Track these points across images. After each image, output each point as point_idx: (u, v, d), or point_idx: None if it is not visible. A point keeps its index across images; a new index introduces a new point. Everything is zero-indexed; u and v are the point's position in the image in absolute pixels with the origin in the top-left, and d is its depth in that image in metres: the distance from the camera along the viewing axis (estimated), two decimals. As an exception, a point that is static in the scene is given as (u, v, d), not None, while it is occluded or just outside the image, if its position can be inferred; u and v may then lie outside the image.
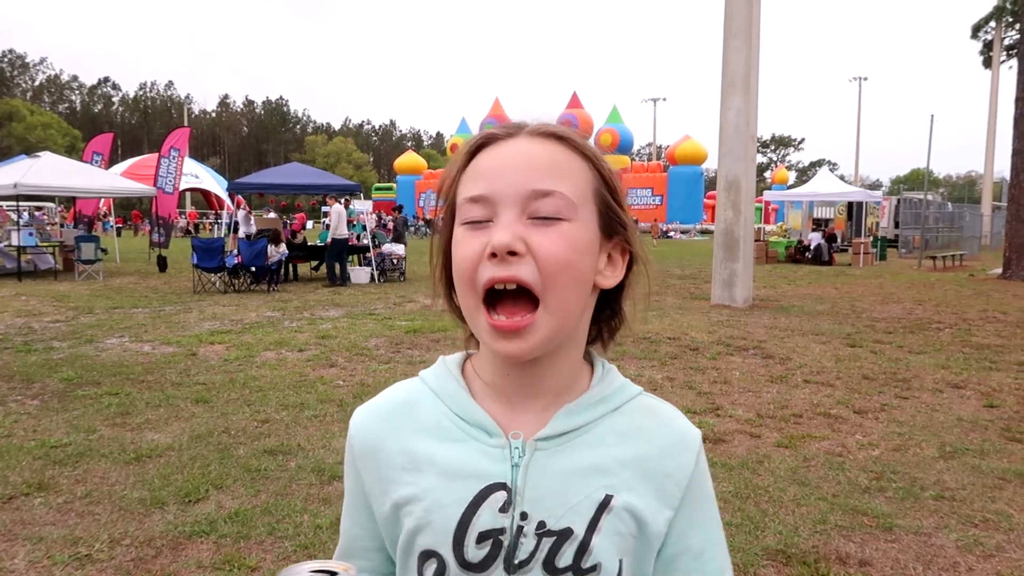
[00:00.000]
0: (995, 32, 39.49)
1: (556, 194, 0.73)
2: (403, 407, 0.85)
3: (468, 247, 0.74)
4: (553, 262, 0.72)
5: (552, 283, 0.72)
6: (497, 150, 0.77)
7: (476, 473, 0.78)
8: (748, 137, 11.88)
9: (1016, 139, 17.86)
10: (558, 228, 0.73)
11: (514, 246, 0.71)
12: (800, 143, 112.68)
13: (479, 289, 0.73)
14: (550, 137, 0.77)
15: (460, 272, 0.75)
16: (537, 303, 0.73)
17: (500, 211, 0.73)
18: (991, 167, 44.15)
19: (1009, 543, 3.42)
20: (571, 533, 0.76)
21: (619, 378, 0.86)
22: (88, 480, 4.10)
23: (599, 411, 0.81)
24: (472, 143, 0.79)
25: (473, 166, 0.78)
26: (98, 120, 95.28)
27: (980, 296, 13.76)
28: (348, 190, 18.27)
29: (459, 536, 0.77)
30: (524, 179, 0.73)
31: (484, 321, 0.74)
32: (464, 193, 0.76)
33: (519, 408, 0.81)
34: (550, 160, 0.75)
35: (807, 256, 22.87)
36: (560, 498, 0.77)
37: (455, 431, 0.81)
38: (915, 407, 5.77)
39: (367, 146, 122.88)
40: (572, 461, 0.78)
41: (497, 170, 0.75)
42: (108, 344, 8.21)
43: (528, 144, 0.76)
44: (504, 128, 0.78)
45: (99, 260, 16.24)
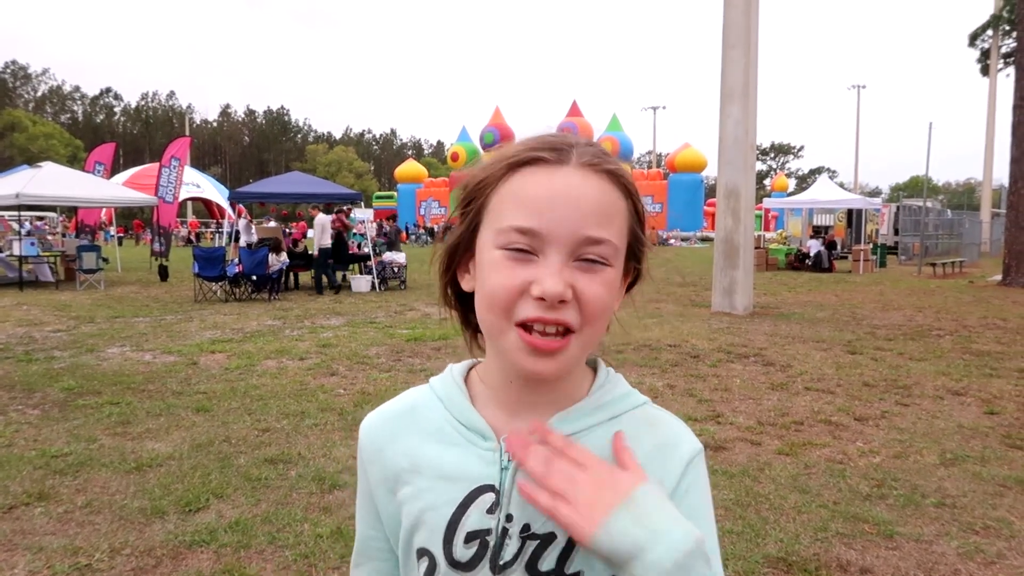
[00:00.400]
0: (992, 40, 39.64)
1: (607, 243, 0.74)
2: (409, 412, 0.88)
3: (509, 277, 0.74)
4: (596, 309, 0.75)
5: (590, 323, 0.75)
6: (548, 178, 0.75)
7: (468, 475, 0.80)
8: (747, 146, 11.91)
9: (1014, 146, 17.89)
10: (603, 275, 0.75)
11: (565, 296, 0.72)
12: (799, 151, 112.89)
13: (513, 320, 0.74)
14: (602, 173, 0.76)
15: (495, 299, 0.75)
16: (568, 332, 0.75)
17: (549, 251, 0.73)
18: (990, 174, 44.20)
19: (1010, 550, 3.41)
20: (554, 538, 0.77)
21: (623, 387, 0.86)
22: (88, 489, 4.11)
23: (595, 419, 0.82)
24: (518, 156, 0.77)
25: (519, 188, 0.76)
26: (100, 130, 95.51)
27: (980, 303, 13.76)
28: (349, 199, 18.31)
29: (448, 535, 0.80)
30: (577, 223, 0.73)
31: (516, 338, 0.74)
32: (511, 219, 0.74)
33: (519, 416, 0.82)
34: (601, 203, 0.75)
35: (807, 263, 22.89)
36: None
37: (455, 436, 0.83)
38: (916, 414, 5.77)
39: (368, 155, 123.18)
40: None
41: (548, 204, 0.73)
42: (109, 353, 8.21)
43: (580, 180, 0.75)
44: (554, 150, 0.76)
45: (100, 269, 16.27)
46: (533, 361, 0.74)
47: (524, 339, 0.74)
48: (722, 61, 12.02)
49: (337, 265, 16.89)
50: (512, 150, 0.78)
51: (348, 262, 17.17)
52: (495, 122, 49.10)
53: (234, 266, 14.15)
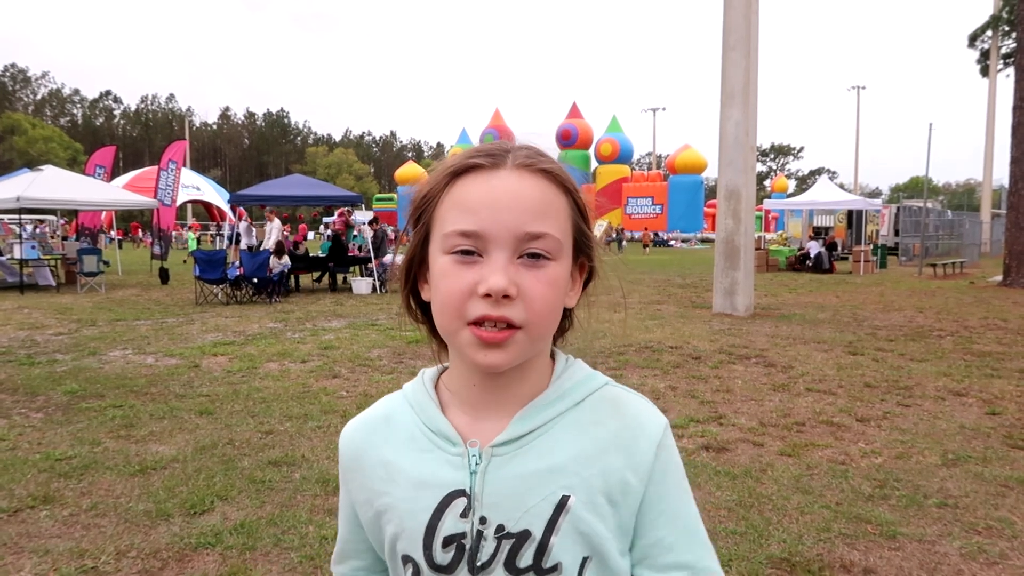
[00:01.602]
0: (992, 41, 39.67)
1: (547, 236, 0.76)
2: (383, 421, 0.91)
3: (457, 280, 0.76)
4: (540, 305, 0.77)
5: (536, 319, 0.77)
6: (486, 182, 0.77)
7: (440, 482, 0.82)
8: (747, 148, 11.93)
9: (1014, 147, 17.90)
10: (547, 270, 0.77)
11: (509, 291, 0.74)
12: (799, 152, 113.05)
13: (465, 320, 0.76)
14: (536, 172, 0.78)
15: (446, 303, 0.77)
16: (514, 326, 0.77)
17: (492, 250, 0.75)
18: (990, 175, 44.21)
19: (1013, 550, 3.42)
20: (529, 535, 0.79)
21: (582, 371, 0.87)
22: (93, 492, 4.12)
23: (557, 409, 0.83)
24: (455, 166, 0.80)
25: (460, 195, 0.78)
26: (100, 133, 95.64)
27: (981, 303, 13.77)
28: (349, 201, 18.33)
29: (427, 541, 0.82)
30: (516, 220, 0.75)
31: (468, 334, 0.77)
32: (453, 224, 0.77)
33: (483, 417, 0.84)
34: (540, 200, 0.77)
35: (807, 264, 22.90)
36: (517, 502, 0.80)
37: (424, 442, 0.85)
38: (917, 415, 5.78)
39: (368, 157, 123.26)
40: (529, 464, 0.81)
41: (488, 206, 0.76)
42: (111, 356, 8.23)
43: (517, 181, 0.77)
44: (490, 155, 0.79)
45: (101, 272, 16.28)
46: (484, 354, 0.76)
47: (474, 333, 0.76)
48: (722, 62, 12.04)
49: (337, 267, 16.92)
50: (451, 160, 0.81)
51: (348, 264, 17.20)
52: (495, 124, 49.15)
53: (235, 269, 14.16)
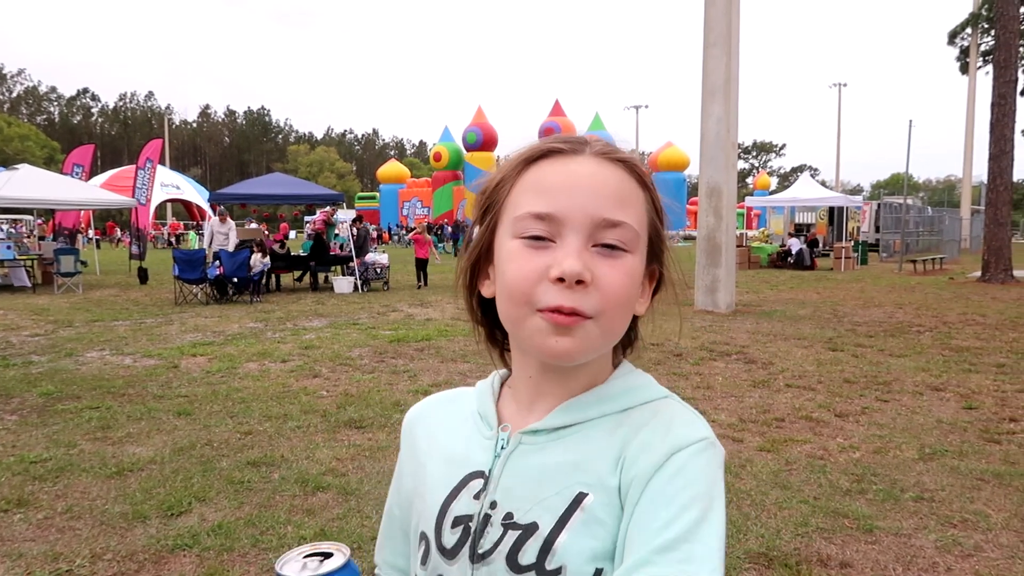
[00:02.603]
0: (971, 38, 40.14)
1: (625, 225, 0.73)
2: (448, 401, 0.92)
3: (527, 264, 0.72)
4: (615, 297, 0.73)
5: (609, 310, 0.73)
6: (564, 166, 0.74)
7: (467, 461, 0.81)
8: (729, 145, 11.99)
9: (993, 144, 18.14)
10: (623, 261, 0.73)
11: (584, 276, 0.70)
12: (781, 149, 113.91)
13: (534, 307, 0.72)
14: (617, 162, 0.75)
15: (514, 288, 0.73)
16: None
17: (566, 233, 0.72)
18: (969, 171, 44.78)
19: (987, 543, 3.46)
20: (536, 528, 0.74)
21: (641, 379, 0.82)
22: (69, 495, 4.06)
23: (600, 409, 0.78)
24: (533, 151, 0.77)
25: (536, 178, 0.75)
26: (77, 131, 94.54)
27: (960, 299, 13.93)
28: (331, 200, 18.25)
29: (440, 519, 0.80)
30: (595, 204, 0.72)
31: (539, 320, 0.72)
32: (526, 206, 0.73)
33: (532, 409, 0.81)
34: (619, 187, 0.74)
35: (789, 261, 23.07)
36: (532, 491, 0.76)
37: (471, 425, 0.85)
38: (896, 410, 5.83)
39: (350, 155, 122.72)
40: (556, 456, 0.77)
41: (565, 189, 0.73)
42: (88, 357, 8.13)
43: (596, 166, 0.74)
44: (568, 142, 0.76)
45: (79, 273, 16.09)
46: (555, 340, 0.72)
47: (547, 317, 0.71)
48: (703, 60, 12.09)
49: (319, 266, 16.84)
50: (525, 149, 0.78)
51: (330, 263, 17.12)
52: (478, 122, 49.05)
53: (215, 268, 14.04)
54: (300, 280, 17.70)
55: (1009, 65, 18.02)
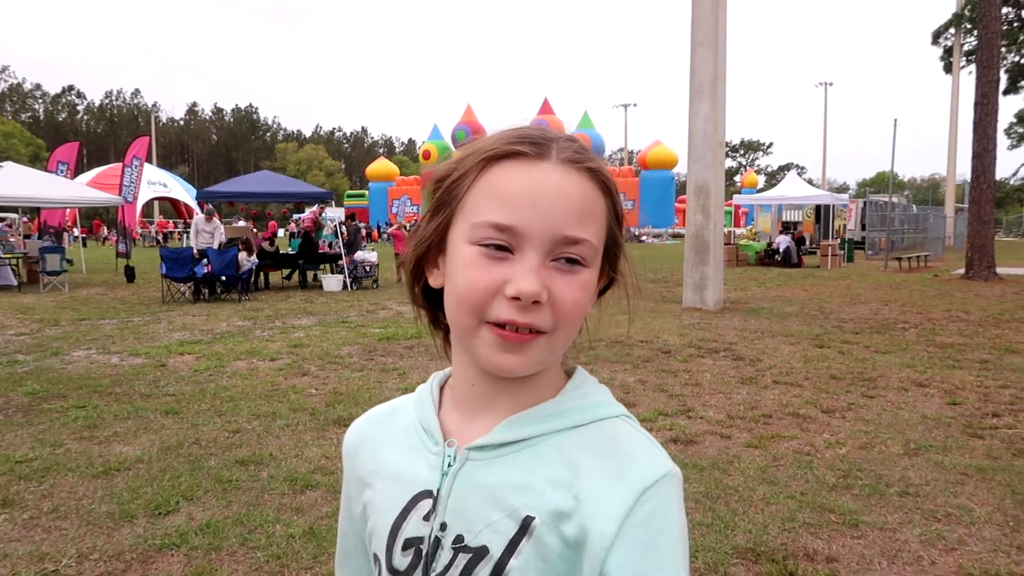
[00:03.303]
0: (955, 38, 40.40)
1: (585, 243, 0.71)
2: (387, 416, 0.88)
3: (483, 276, 0.70)
4: (570, 313, 0.71)
5: (562, 326, 0.72)
6: (528, 174, 0.71)
7: (414, 480, 0.79)
8: (716, 143, 12.04)
9: (976, 142, 18.29)
10: (580, 277, 0.72)
11: (540, 297, 0.69)
12: (769, 147, 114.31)
13: (484, 319, 0.71)
14: (582, 170, 0.73)
15: (467, 297, 0.71)
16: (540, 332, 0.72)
17: (525, 248, 0.70)
18: (953, 170, 45.11)
19: (970, 536, 3.51)
20: (487, 552, 0.72)
21: (596, 396, 0.79)
22: (55, 495, 4.04)
23: (550, 425, 0.75)
24: (496, 149, 0.73)
25: (498, 182, 0.72)
26: (63, 129, 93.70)
27: (944, 296, 14.05)
28: (319, 198, 18.19)
29: (390, 541, 0.78)
30: (557, 221, 0.70)
31: (488, 334, 0.71)
32: (487, 214, 0.71)
33: (474, 419, 0.79)
34: (582, 202, 0.72)
35: (776, 259, 23.19)
36: (481, 513, 0.74)
37: (414, 438, 0.82)
38: (881, 406, 5.88)
39: (338, 153, 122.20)
40: (504, 476, 0.74)
41: (528, 201, 0.70)
42: (75, 356, 8.08)
43: (561, 176, 0.71)
44: (533, 144, 0.73)
45: (64, 271, 15.96)
46: (502, 356, 0.71)
47: (496, 333, 0.70)
48: (691, 59, 12.13)
49: (308, 265, 16.79)
50: (489, 143, 0.74)
51: (319, 261, 17.07)
52: (467, 119, 49.00)
53: (203, 267, 13.97)
54: (289, 278, 17.64)
55: (991, 65, 18.18)
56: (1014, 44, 34.42)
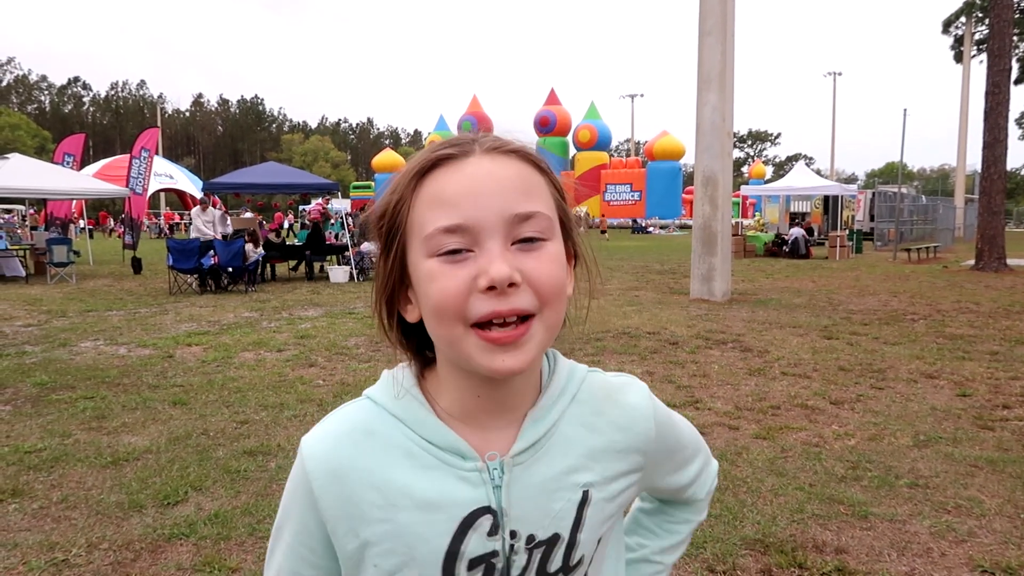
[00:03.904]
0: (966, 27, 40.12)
1: (538, 215, 0.71)
2: (364, 435, 0.79)
3: (451, 281, 0.69)
4: (549, 287, 0.71)
5: (547, 303, 0.71)
6: (459, 171, 0.71)
7: (455, 501, 0.75)
8: (724, 133, 11.97)
9: (987, 132, 18.15)
10: (545, 250, 0.72)
11: (514, 278, 0.68)
12: (776, 138, 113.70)
13: (468, 323, 0.70)
14: (508, 154, 0.73)
15: (443, 307, 0.70)
16: (527, 317, 0.71)
17: (483, 240, 0.69)
18: (963, 160, 44.81)
19: (980, 528, 3.48)
20: (559, 538, 0.78)
21: (565, 363, 0.84)
22: (64, 485, 4.06)
23: (559, 408, 0.81)
24: (423, 162, 0.73)
25: (434, 190, 0.72)
26: (68, 120, 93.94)
27: (953, 287, 13.97)
28: (326, 189, 18.20)
29: (448, 567, 0.75)
30: (503, 203, 0.70)
31: (476, 340, 0.70)
32: (433, 222, 0.70)
33: (488, 427, 0.78)
34: (521, 179, 0.72)
35: (784, 250, 23.10)
36: (543, 509, 0.77)
37: (427, 458, 0.77)
38: (890, 397, 5.85)
39: (344, 144, 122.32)
40: (549, 468, 0.78)
41: (468, 194, 0.70)
42: (82, 347, 8.10)
43: (492, 164, 0.72)
44: (455, 145, 0.73)
45: (71, 263, 16.02)
46: (500, 358, 0.70)
47: (484, 338, 0.70)
48: (699, 48, 12.05)
49: (315, 256, 16.81)
50: (413, 161, 0.75)
51: (326, 253, 17.08)
52: (473, 110, 48.94)
53: (209, 258, 14.00)
54: (295, 269, 17.66)
55: (1003, 54, 18.02)
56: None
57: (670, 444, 0.90)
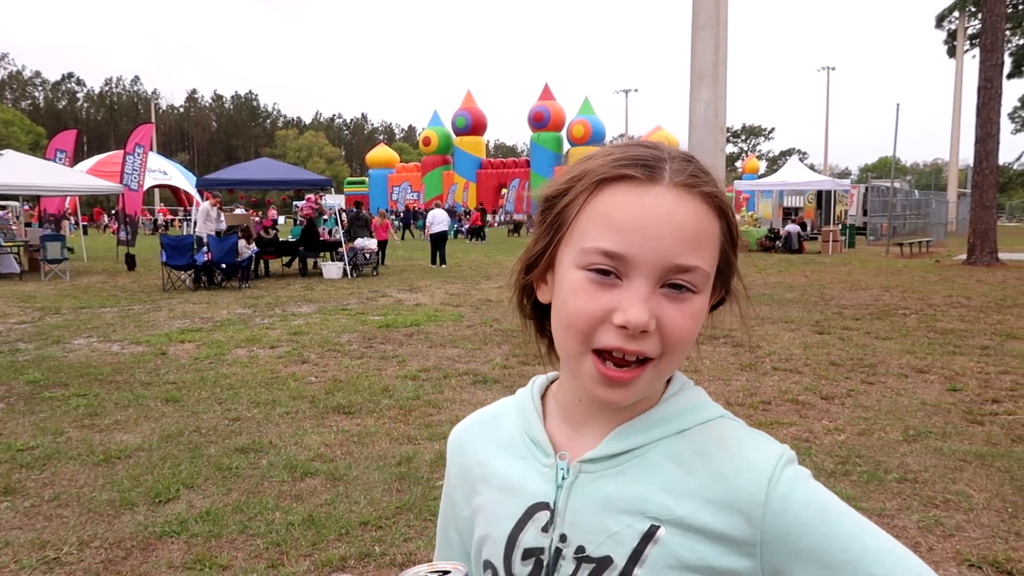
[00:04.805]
0: (959, 22, 40.19)
1: (696, 270, 0.70)
2: (492, 421, 0.89)
3: (591, 303, 0.70)
4: (679, 341, 0.71)
5: (670, 353, 0.72)
6: (639, 199, 0.70)
7: (527, 491, 0.80)
8: (717, 129, 11.97)
9: (979, 127, 18.20)
10: (690, 304, 0.71)
11: (648, 327, 0.68)
12: (770, 132, 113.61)
13: (591, 346, 0.71)
14: (697, 195, 0.71)
15: (574, 323, 0.71)
16: (646, 360, 0.71)
17: (634, 276, 0.69)
18: (956, 154, 44.96)
19: (968, 523, 3.51)
20: (611, 562, 0.74)
21: (696, 398, 0.80)
22: (56, 483, 4.06)
23: (656, 433, 0.77)
24: (607, 172, 0.72)
25: (607, 208, 0.71)
26: (63, 116, 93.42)
27: (945, 282, 14.03)
28: (319, 185, 18.16)
29: (508, 551, 0.79)
30: (668, 249, 0.69)
31: (591, 367, 0.72)
32: (595, 240, 0.70)
33: (582, 431, 0.80)
34: (695, 229, 0.70)
35: (777, 245, 23.15)
36: (600, 524, 0.75)
37: (523, 448, 0.83)
38: (881, 392, 5.88)
39: (338, 140, 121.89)
40: (619, 487, 0.76)
41: (639, 228, 0.69)
42: (75, 345, 8.09)
43: (674, 202, 0.70)
44: (644, 167, 0.71)
45: (65, 259, 15.97)
46: (606, 391, 0.72)
47: (599, 369, 0.71)
48: (692, 43, 12.04)
49: (308, 252, 16.78)
50: (599, 164, 0.73)
51: (319, 249, 17.06)
52: (467, 106, 48.84)
53: (203, 254, 13.97)
54: (289, 266, 17.64)
55: (995, 48, 18.07)
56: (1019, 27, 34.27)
57: (818, 544, 0.69)
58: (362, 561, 3.20)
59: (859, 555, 0.68)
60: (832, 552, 0.69)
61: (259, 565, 3.15)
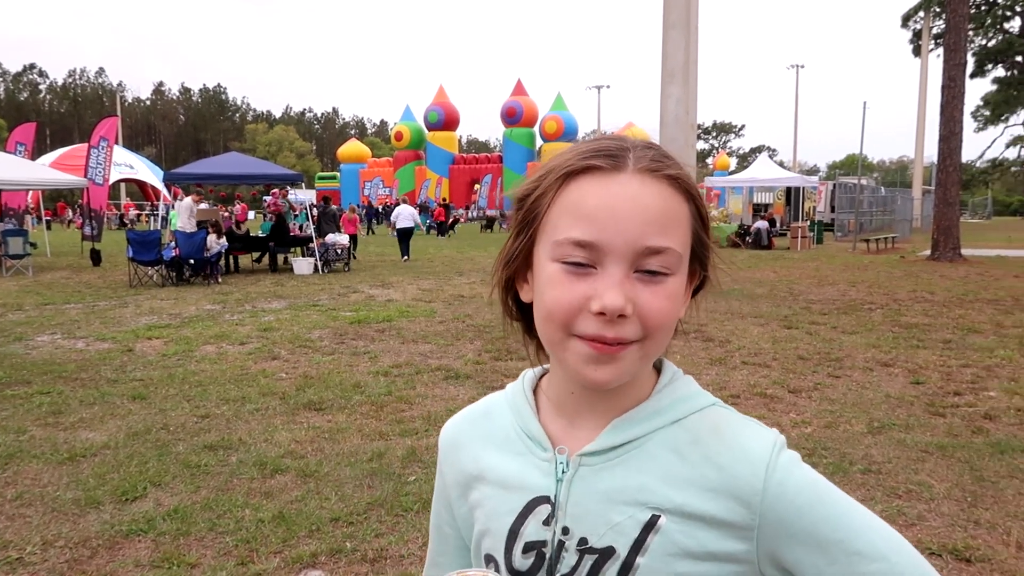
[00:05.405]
0: (924, 21, 40.88)
1: (668, 251, 0.71)
2: (484, 417, 0.89)
3: (568, 292, 0.71)
4: (658, 321, 0.72)
5: (652, 335, 0.72)
6: (605, 187, 0.71)
7: (526, 485, 0.80)
8: (688, 126, 12.07)
9: (943, 125, 18.55)
10: (664, 286, 0.72)
11: (625, 310, 0.69)
12: (740, 130, 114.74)
13: (572, 332, 0.72)
14: (661, 179, 0.72)
15: (553, 314, 0.73)
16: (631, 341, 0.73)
17: (607, 263, 0.70)
18: (921, 152, 45.79)
19: (930, 512, 3.60)
20: (613, 552, 0.75)
21: (688, 388, 0.81)
22: (18, 482, 3.98)
23: (652, 424, 0.78)
24: (573, 164, 0.73)
25: (575, 199, 0.72)
26: (24, 108, 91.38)
27: (910, 277, 14.30)
28: (289, 180, 17.99)
29: (509, 544, 0.80)
30: (637, 232, 0.70)
31: (577, 346, 0.72)
32: (566, 231, 0.72)
33: (578, 424, 0.81)
34: (663, 211, 0.72)
35: (747, 241, 23.42)
36: (602, 516, 0.76)
37: (519, 444, 0.83)
38: (846, 385, 5.99)
39: (309, 134, 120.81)
40: (619, 479, 0.77)
41: (607, 215, 0.70)
42: (39, 342, 7.93)
43: (639, 186, 0.71)
44: (607, 157, 0.73)
45: (28, 255, 15.64)
46: (593, 369, 0.72)
47: (586, 343, 0.71)
48: (663, 41, 12.12)
49: (278, 247, 16.62)
50: (565, 159, 0.75)
51: (290, 244, 16.90)
52: (439, 101, 48.64)
53: (170, 250, 13.77)
54: (259, 261, 17.45)
55: (958, 48, 18.42)
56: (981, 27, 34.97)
57: (812, 525, 0.71)
58: (333, 557, 3.18)
59: (848, 534, 0.71)
60: (824, 532, 0.71)
61: (228, 563, 3.12)
